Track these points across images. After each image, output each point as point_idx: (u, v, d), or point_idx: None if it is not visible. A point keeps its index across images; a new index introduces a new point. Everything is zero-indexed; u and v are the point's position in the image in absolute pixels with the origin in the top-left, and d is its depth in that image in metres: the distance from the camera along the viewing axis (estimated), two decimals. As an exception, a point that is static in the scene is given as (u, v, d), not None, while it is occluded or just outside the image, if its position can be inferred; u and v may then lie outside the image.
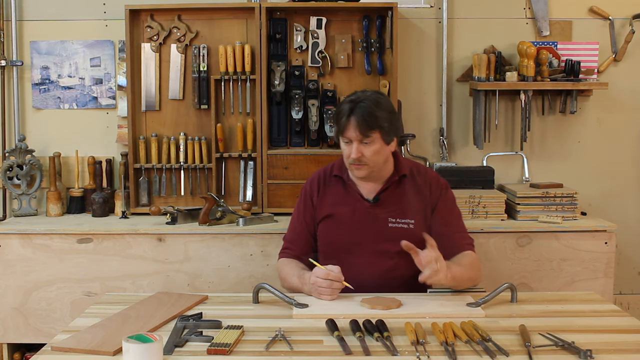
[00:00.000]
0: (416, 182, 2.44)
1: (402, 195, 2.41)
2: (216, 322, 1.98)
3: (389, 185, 2.41)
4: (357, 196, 2.42)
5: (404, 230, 2.37)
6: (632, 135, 3.61)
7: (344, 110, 2.29)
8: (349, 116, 2.27)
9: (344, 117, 2.29)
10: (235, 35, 3.40)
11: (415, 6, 3.53)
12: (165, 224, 3.14)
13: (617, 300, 3.49)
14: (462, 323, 1.93)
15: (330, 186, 2.47)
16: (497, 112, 3.49)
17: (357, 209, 2.41)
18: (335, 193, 2.45)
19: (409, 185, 2.43)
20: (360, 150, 2.29)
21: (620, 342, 1.85)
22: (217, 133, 3.37)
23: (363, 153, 2.29)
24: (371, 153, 2.30)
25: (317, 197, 2.47)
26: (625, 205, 3.62)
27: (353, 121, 2.27)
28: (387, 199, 2.40)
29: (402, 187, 2.43)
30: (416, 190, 2.43)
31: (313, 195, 2.48)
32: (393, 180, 2.41)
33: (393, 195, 2.41)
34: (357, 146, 2.29)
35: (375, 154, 2.31)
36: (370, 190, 2.42)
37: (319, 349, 1.82)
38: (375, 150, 2.30)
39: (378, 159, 2.33)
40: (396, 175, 2.42)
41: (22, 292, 3.09)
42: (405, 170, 2.43)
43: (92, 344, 1.82)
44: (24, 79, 3.55)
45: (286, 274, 2.38)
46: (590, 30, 3.55)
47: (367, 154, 2.30)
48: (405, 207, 2.40)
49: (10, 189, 3.42)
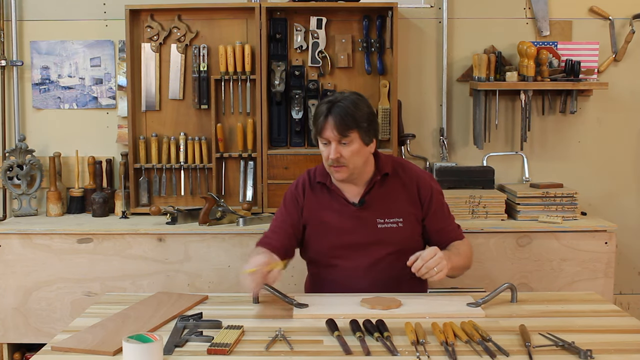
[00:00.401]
0: (401, 179, 2.40)
1: (388, 195, 2.38)
2: (216, 322, 1.98)
3: (372, 185, 2.37)
4: (343, 201, 2.38)
5: (393, 230, 2.35)
6: (632, 135, 3.61)
7: (322, 111, 2.27)
8: (327, 116, 2.25)
9: (322, 117, 2.26)
10: (236, 35, 3.40)
11: (415, 6, 3.53)
12: (165, 224, 3.14)
13: (617, 300, 3.49)
14: (462, 323, 1.93)
15: (315, 192, 2.42)
16: (497, 112, 3.49)
17: (343, 213, 2.37)
18: (321, 199, 2.41)
19: (394, 183, 2.40)
20: (339, 150, 2.26)
21: (620, 342, 1.85)
22: (217, 133, 3.37)
23: (342, 154, 2.26)
24: (350, 154, 2.27)
25: (303, 200, 2.42)
26: (625, 205, 3.62)
27: (331, 121, 2.24)
28: (373, 201, 2.37)
29: (387, 186, 2.39)
30: (401, 187, 2.40)
31: (300, 196, 2.43)
32: (376, 180, 2.37)
33: (378, 196, 2.38)
34: (336, 146, 2.26)
35: (354, 155, 2.28)
36: (355, 194, 2.39)
37: (319, 349, 1.82)
38: (353, 150, 2.27)
39: (357, 160, 2.30)
40: (378, 174, 2.38)
41: (22, 292, 3.09)
42: (387, 168, 2.39)
43: (92, 344, 1.82)
44: (24, 79, 3.55)
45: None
46: (591, 30, 3.55)
47: (346, 155, 2.26)
48: (392, 206, 2.37)
49: (10, 189, 3.42)
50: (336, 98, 2.29)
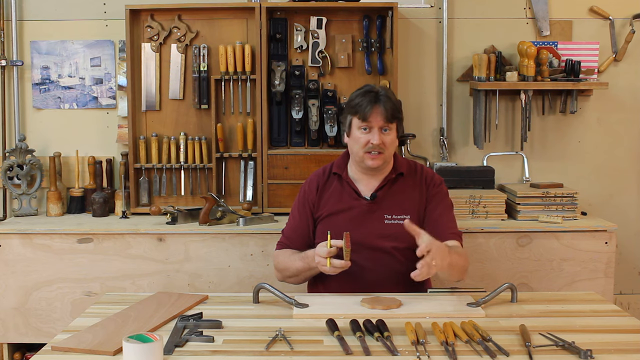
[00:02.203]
0: (412, 180, 2.48)
1: (399, 193, 2.45)
2: (216, 322, 1.98)
3: (386, 182, 2.44)
4: (355, 195, 2.45)
5: (399, 226, 2.36)
6: (632, 135, 3.61)
7: (367, 99, 2.35)
8: (375, 103, 2.34)
9: (368, 104, 2.34)
10: (236, 35, 3.40)
11: (415, 6, 3.52)
12: (166, 224, 3.14)
13: (617, 300, 3.49)
14: (462, 323, 1.93)
15: (328, 185, 2.50)
16: (497, 112, 3.49)
17: (354, 207, 2.43)
18: (333, 192, 2.48)
19: (406, 183, 2.47)
20: (381, 137, 2.35)
21: (620, 342, 1.85)
22: (217, 133, 3.37)
23: (383, 141, 2.35)
24: (390, 141, 2.37)
25: (316, 197, 2.49)
26: (625, 205, 3.62)
27: (380, 108, 2.34)
28: (384, 196, 2.44)
29: (399, 184, 2.46)
30: (412, 187, 2.46)
31: (311, 196, 2.50)
32: (390, 177, 2.45)
33: (390, 193, 2.44)
34: (379, 133, 2.34)
35: (392, 144, 2.39)
36: (369, 188, 2.45)
37: (319, 349, 1.82)
38: (392, 139, 2.38)
39: (392, 150, 2.41)
40: (394, 172, 2.46)
41: (22, 292, 3.09)
42: (402, 168, 2.48)
43: (92, 344, 1.82)
44: (24, 79, 3.55)
45: (286, 259, 2.43)
46: (591, 30, 3.55)
47: (387, 142, 2.36)
48: (401, 203, 2.43)
49: (10, 189, 3.42)
50: (375, 88, 2.40)
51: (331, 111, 3.33)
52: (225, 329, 1.97)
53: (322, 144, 3.44)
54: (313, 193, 2.50)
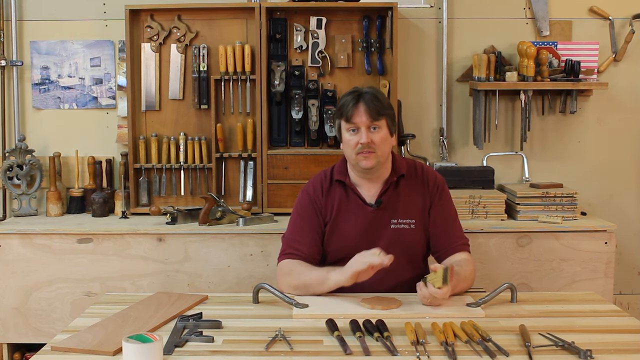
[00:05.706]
0: (414, 181, 2.44)
1: (402, 196, 2.42)
2: (216, 322, 1.98)
3: (389, 187, 2.41)
4: (360, 201, 2.41)
5: (405, 231, 2.38)
6: (632, 135, 3.61)
7: (350, 99, 2.33)
8: (357, 102, 2.31)
9: (351, 104, 2.31)
10: (235, 35, 3.40)
11: (415, 6, 3.53)
12: (165, 224, 3.14)
13: (617, 300, 3.49)
14: (462, 323, 1.93)
15: (332, 191, 2.44)
16: (497, 112, 3.49)
17: (360, 214, 2.40)
18: (338, 199, 2.43)
19: (408, 185, 2.43)
20: (369, 136, 2.31)
21: (620, 342, 1.85)
22: (217, 133, 3.37)
23: (372, 139, 2.31)
24: (379, 139, 2.32)
25: (322, 199, 2.43)
26: (625, 205, 3.62)
27: (362, 106, 2.31)
28: (388, 201, 2.40)
29: (402, 187, 2.43)
30: (414, 188, 2.43)
31: (318, 199, 2.43)
32: (392, 180, 2.41)
33: (393, 197, 2.41)
34: (366, 132, 2.31)
35: (383, 142, 2.33)
36: (372, 193, 2.41)
37: (319, 349, 1.82)
38: (382, 137, 2.33)
39: (385, 148, 2.35)
40: (394, 175, 2.42)
41: (22, 292, 3.09)
42: (402, 170, 2.44)
43: (92, 344, 1.82)
44: (24, 79, 3.55)
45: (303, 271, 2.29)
46: (590, 30, 3.55)
47: (376, 140, 2.31)
48: (406, 207, 2.40)
49: (10, 189, 3.42)
50: (361, 89, 2.37)
51: (331, 111, 3.33)
52: (225, 329, 1.96)
53: (322, 144, 3.44)
54: (320, 197, 2.43)
